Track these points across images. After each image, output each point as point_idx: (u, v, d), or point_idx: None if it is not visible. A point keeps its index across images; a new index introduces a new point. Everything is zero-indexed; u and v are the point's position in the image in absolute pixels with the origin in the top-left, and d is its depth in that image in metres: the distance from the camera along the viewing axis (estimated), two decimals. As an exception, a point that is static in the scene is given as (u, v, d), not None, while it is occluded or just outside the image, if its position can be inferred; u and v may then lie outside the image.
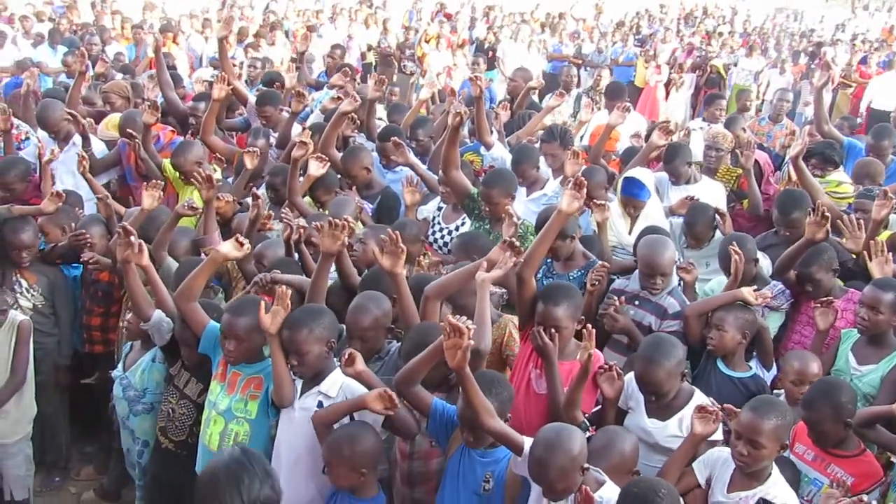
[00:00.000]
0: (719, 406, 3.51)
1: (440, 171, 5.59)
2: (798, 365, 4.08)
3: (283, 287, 3.72)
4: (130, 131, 6.19)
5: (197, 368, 4.05)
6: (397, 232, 3.89)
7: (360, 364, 3.46)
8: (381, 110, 7.92)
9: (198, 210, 4.90)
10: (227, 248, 3.83)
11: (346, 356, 3.45)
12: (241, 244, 3.83)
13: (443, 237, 5.72)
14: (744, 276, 4.55)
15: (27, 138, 6.70)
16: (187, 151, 5.89)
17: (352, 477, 3.37)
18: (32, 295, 5.05)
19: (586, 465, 3.02)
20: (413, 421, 3.51)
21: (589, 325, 3.71)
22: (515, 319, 4.22)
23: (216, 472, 2.57)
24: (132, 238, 4.01)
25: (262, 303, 3.67)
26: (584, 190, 3.84)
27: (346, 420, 3.50)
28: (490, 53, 15.60)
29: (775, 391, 4.23)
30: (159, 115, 6.42)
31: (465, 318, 3.17)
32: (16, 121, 6.59)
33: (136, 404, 4.33)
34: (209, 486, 2.56)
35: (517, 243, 3.78)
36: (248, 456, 2.60)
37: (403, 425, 3.50)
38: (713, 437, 3.49)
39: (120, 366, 4.47)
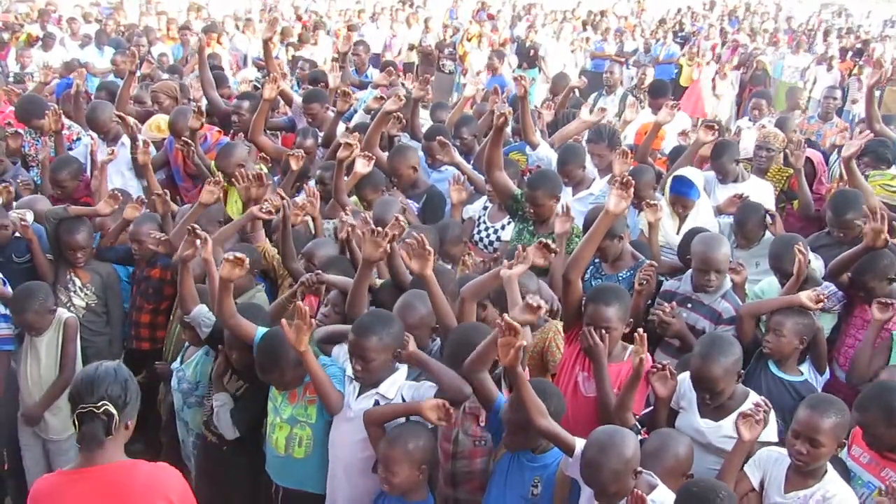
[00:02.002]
0: (771, 406, 3.47)
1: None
2: None
3: (301, 304, 3.66)
4: (186, 140, 6.21)
5: (246, 371, 4.06)
6: (422, 235, 3.82)
7: (411, 345, 3.46)
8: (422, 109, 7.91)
9: (273, 215, 4.87)
10: (227, 270, 3.76)
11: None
12: (240, 262, 3.74)
13: (488, 236, 5.70)
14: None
15: (79, 138, 6.81)
16: (230, 155, 5.89)
17: (412, 475, 3.35)
18: (86, 293, 5.12)
19: (639, 469, 2.99)
20: (464, 385, 3.46)
21: (640, 330, 3.67)
22: (560, 325, 4.18)
23: (80, 376, 2.85)
24: (198, 241, 4.05)
25: (286, 325, 3.57)
26: (632, 190, 3.79)
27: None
28: (532, 52, 15.54)
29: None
30: (204, 119, 6.47)
31: (537, 297, 3.21)
32: (68, 121, 6.70)
33: (189, 396, 4.39)
34: (73, 386, 2.83)
35: (553, 245, 3.76)
36: (117, 366, 2.87)
37: (454, 389, 3.47)
38: (768, 438, 3.44)
39: (179, 358, 4.54)
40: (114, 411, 2.73)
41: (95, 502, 2.75)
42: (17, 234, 5.17)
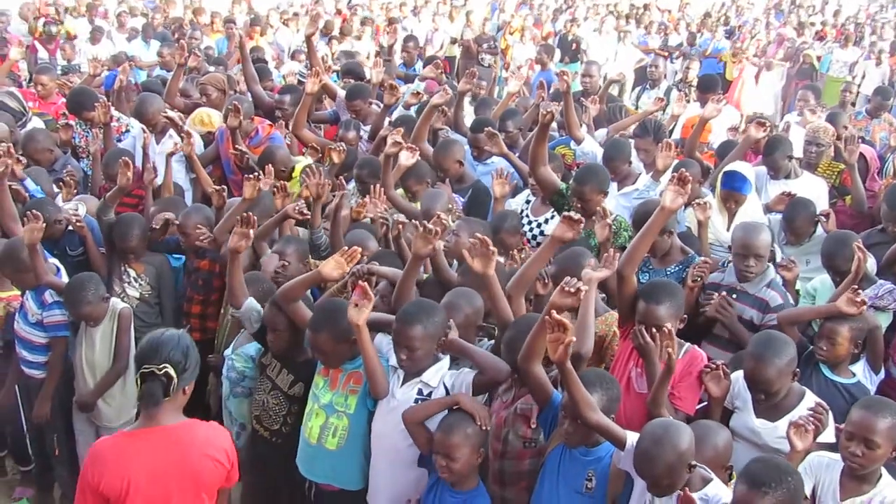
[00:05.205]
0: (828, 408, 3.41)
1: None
2: None
3: (364, 283, 3.67)
4: (240, 148, 6.21)
5: (285, 356, 4.09)
6: (486, 236, 3.82)
7: (453, 333, 3.61)
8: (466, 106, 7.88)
9: (306, 215, 4.90)
10: (329, 268, 3.81)
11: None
12: (345, 264, 3.80)
13: (531, 230, 5.67)
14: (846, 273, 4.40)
15: (127, 130, 6.88)
16: (270, 161, 5.76)
17: (472, 458, 3.40)
18: (140, 284, 5.18)
19: (693, 463, 2.96)
20: (503, 364, 3.55)
21: (668, 325, 3.64)
22: None
23: (146, 339, 2.99)
24: (251, 231, 4.05)
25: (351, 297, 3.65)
26: (689, 186, 3.75)
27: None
28: (574, 45, 15.43)
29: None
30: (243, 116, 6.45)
31: (573, 280, 3.25)
32: (116, 113, 6.77)
33: (236, 386, 4.42)
34: (139, 349, 2.99)
35: (576, 216, 3.77)
36: (181, 333, 3.03)
37: (494, 369, 3.56)
38: (826, 440, 3.38)
39: (231, 345, 4.58)
40: (173, 374, 2.88)
41: (156, 458, 2.90)
42: (70, 229, 5.25)
